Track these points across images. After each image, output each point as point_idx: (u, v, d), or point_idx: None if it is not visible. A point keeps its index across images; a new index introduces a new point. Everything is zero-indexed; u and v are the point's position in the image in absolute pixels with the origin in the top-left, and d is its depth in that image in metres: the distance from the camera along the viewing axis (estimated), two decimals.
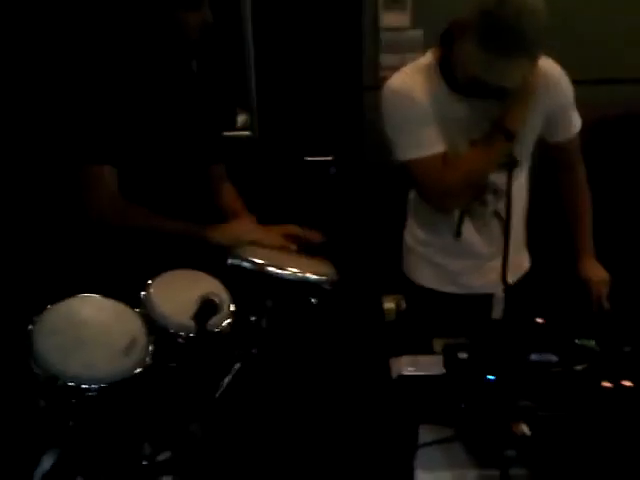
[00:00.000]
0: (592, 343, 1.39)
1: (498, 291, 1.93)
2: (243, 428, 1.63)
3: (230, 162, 2.72)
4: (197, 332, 1.31)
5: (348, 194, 2.88)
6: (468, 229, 1.86)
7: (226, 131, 2.14)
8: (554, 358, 1.30)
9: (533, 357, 1.30)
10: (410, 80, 1.74)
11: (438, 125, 1.72)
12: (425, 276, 1.99)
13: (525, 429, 1.12)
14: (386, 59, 2.64)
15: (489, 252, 1.90)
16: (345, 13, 2.66)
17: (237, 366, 1.60)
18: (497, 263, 1.91)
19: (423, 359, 1.60)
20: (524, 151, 1.81)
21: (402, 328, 2.27)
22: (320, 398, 1.79)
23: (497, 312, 1.94)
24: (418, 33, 2.61)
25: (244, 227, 1.81)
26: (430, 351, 1.64)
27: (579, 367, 1.25)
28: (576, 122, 1.86)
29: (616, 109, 2.72)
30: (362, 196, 2.84)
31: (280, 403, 1.72)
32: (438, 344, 1.62)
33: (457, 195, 1.77)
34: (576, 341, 1.39)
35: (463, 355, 1.36)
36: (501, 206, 1.84)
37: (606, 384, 1.20)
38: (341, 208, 2.89)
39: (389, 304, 3.00)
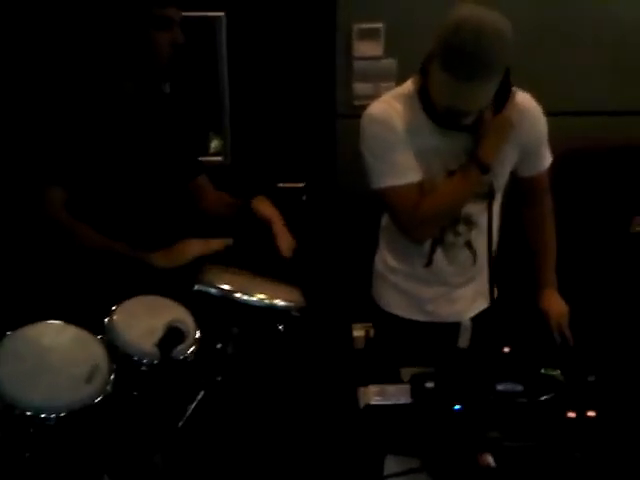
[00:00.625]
0: (557, 373, 1.40)
1: (465, 320, 1.94)
2: (206, 457, 1.60)
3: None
4: (161, 360, 1.28)
5: (320, 221, 2.86)
6: (439, 258, 1.87)
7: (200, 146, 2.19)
8: (520, 388, 1.30)
9: (499, 387, 1.30)
10: (389, 108, 1.74)
11: (416, 154, 1.72)
12: (393, 303, 1.99)
13: (490, 460, 1.11)
14: (359, 88, 2.66)
15: (459, 281, 1.91)
16: (319, 42, 2.67)
17: (201, 394, 1.58)
18: (465, 292, 1.93)
19: (390, 388, 1.59)
20: (499, 183, 1.82)
21: (370, 356, 2.26)
22: (286, 426, 1.77)
23: (464, 341, 1.95)
24: (391, 62, 2.63)
25: (184, 247, 1.82)
26: (398, 380, 1.64)
27: (544, 397, 1.25)
28: (547, 157, 1.88)
29: (584, 141, 2.77)
30: (333, 223, 2.83)
31: (245, 431, 1.70)
32: (406, 373, 1.62)
33: (430, 225, 1.78)
34: (541, 371, 1.40)
35: (430, 384, 1.36)
36: (473, 237, 1.86)
37: (571, 414, 1.20)
38: (312, 235, 2.88)
39: (358, 332, 3.00)
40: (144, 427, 1.44)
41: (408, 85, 1.77)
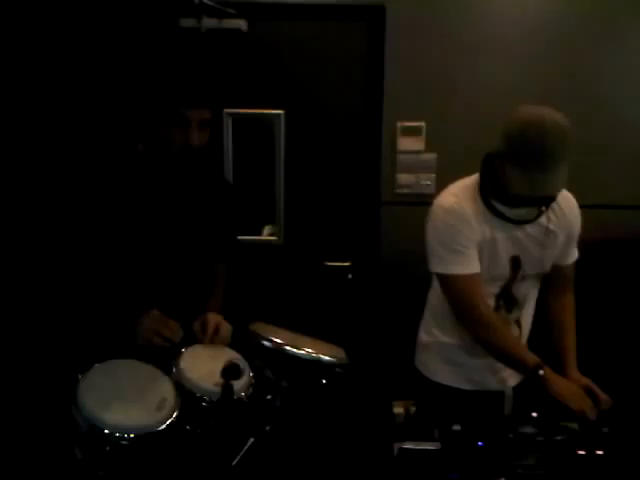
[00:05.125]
0: (574, 425, 1.54)
1: (508, 388, 2.01)
2: None
3: (255, 265, 2.97)
4: (223, 390, 1.48)
5: (363, 298, 3.05)
6: None
7: (232, 236, 2.18)
8: (538, 431, 1.45)
9: (519, 430, 1.45)
10: (461, 201, 1.89)
11: (480, 242, 1.88)
12: (439, 372, 2.10)
13: None
14: (402, 178, 2.92)
15: None
16: (367, 137, 2.94)
17: (251, 441, 1.75)
18: None
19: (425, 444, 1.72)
20: (549, 267, 1.99)
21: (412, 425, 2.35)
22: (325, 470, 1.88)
23: (508, 408, 2.02)
24: (431, 156, 2.89)
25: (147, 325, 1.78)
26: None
27: (559, 437, 1.39)
28: (576, 252, 2.06)
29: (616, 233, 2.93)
30: (376, 300, 3.01)
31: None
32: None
33: (476, 333, 1.92)
34: (560, 423, 1.54)
35: (457, 427, 1.51)
36: (522, 314, 2.02)
37: (581, 452, 1.33)
38: (357, 310, 3.06)
39: (399, 408, 3.09)
40: (199, 461, 1.62)
41: (474, 177, 1.94)
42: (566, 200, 1.97)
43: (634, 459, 1.37)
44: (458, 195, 1.92)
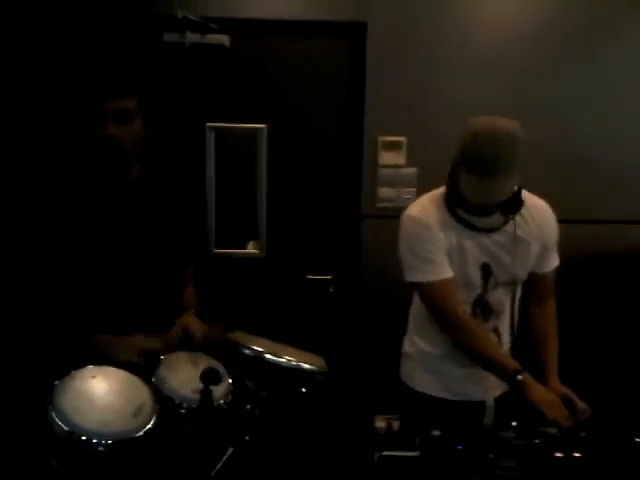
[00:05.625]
0: (553, 430, 1.55)
1: (489, 399, 2.02)
2: None
3: (237, 278, 2.98)
4: (202, 394, 1.47)
5: (344, 310, 3.06)
6: None
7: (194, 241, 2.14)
8: (516, 436, 1.45)
9: (499, 434, 1.46)
10: (426, 210, 1.94)
11: (450, 250, 1.91)
12: (423, 382, 2.11)
13: None
14: (383, 192, 2.95)
15: None
16: (348, 152, 2.97)
17: (230, 451, 1.73)
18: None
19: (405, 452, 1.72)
20: (523, 274, 2.00)
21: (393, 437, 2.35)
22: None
23: (488, 418, 2.03)
24: (412, 170, 2.93)
25: (128, 341, 1.79)
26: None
27: (537, 441, 1.40)
28: (556, 258, 2.07)
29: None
30: (357, 313, 3.02)
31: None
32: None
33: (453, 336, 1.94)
34: (539, 429, 1.55)
35: (436, 432, 1.51)
36: (500, 322, 2.03)
37: (558, 454, 1.34)
38: (337, 323, 3.07)
39: (380, 423, 3.09)
40: (177, 469, 1.60)
41: (442, 189, 1.97)
42: (538, 209, 1.99)
43: (610, 461, 1.38)
44: (424, 205, 1.97)
